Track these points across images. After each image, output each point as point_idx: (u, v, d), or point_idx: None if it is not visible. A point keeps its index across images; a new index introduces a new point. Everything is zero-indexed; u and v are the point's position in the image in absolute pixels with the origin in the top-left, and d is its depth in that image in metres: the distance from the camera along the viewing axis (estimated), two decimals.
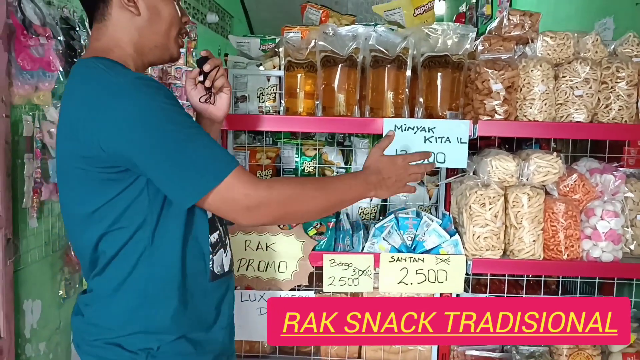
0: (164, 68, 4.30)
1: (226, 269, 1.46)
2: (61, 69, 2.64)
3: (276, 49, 2.17)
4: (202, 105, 1.55)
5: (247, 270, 1.87)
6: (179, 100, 1.37)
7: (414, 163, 1.61)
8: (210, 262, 1.39)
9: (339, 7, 9.41)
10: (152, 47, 1.40)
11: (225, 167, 1.23)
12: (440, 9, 9.20)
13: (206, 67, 1.51)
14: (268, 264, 1.87)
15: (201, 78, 1.53)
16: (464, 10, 7.00)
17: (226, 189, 1.22)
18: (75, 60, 2.96)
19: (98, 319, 1.33)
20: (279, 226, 1.88)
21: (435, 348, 2.08)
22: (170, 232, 1.31)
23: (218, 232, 1.44)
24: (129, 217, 1.27)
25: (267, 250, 1.87)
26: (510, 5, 5.13)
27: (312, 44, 1.93)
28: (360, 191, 1.49)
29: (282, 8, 9.43)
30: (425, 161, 1.68)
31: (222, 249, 1.44)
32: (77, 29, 3.00)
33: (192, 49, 5.74)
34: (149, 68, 1.70)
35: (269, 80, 2.12)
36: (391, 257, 1.86)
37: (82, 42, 3.02)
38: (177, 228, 1.32)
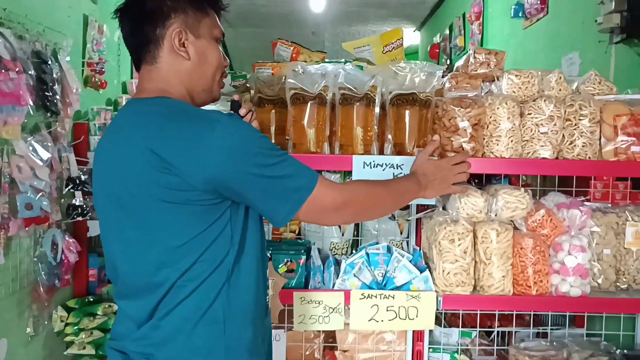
0: None
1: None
2: (31, 103, 2.62)
3: (247, 85, 2.18)
4: None
5: None
6: None
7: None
8: (267, 297, 1.47)
9: (316, 37, 9.53)
10: (200, 91, 1.46)
11: (312, 179, 1.34)
12: (415, 39, 9.39)
13: (242, 111, 1.60)
14: None
15: None
16: (438, 41, 7.14)
17: (316, 197, 1.33)
18: (47, 94, 2.94)
19: (179, 355, 1.31)
20: None
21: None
22: (247, 265, 1.36)
23: (266, 273, 1.51)
24: (214, 251, 1.31)
25: None
26: (481, 39, 5.24)
27: (283, 80, 1.95)
28: (413, 192, 1.64)
29: (260, 37, 9.53)
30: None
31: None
32: (49, 62, 2.99)
33: None
34: None
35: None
36: (362, 294, 1.85)
37: (54, 75, 3.00)
38: (252, 262, 1.38)
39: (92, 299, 3.36)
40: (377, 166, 1.83)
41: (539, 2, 3.74)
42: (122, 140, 1.32)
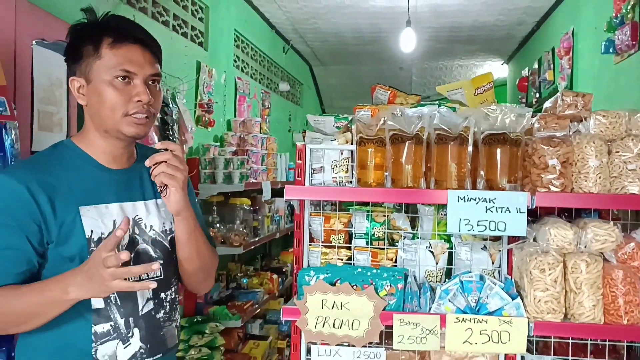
0: (242, 136, 4.63)
1: None
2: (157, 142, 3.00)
3: (349, 126, 2.42)
4: (162, 197, 1.58)
5: (323, 327, 2.06)
6: None
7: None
8: (94, 351, 1.52)
9: (404, 72, 9.74)
10: (107, 129, 1.56)
11: None
12: (503, 71, 9.37)
13: (147, 163, 1.50)
14: (342, 321, 2.05)
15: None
16: (527, 75, 7.14)
17: None
18: (168, 133, 3.33)
19: None
20: (352, 286, 2.06)
21: None
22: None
23: (111, 322, 1.54)
24: None
25: (342, 309, 2.05)
26: (571, 73, 5.25)
27: (382, 121, 2.17)
28: (54, 293, 1.40)
29: (348, 75, 9.89)
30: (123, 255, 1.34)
31: (117, 340, 1.54)
32: (170, 105, 3.38)
33: (265, 117, 6.16)
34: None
35: (342, 153, 2.37)
36: (456, 318, 2.00)
37: (174, 116, 3.39)
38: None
39: (200, 319, 3.67)
40: (470, 200, 1.99)
41: (629, 38, 3.77)
42: None
